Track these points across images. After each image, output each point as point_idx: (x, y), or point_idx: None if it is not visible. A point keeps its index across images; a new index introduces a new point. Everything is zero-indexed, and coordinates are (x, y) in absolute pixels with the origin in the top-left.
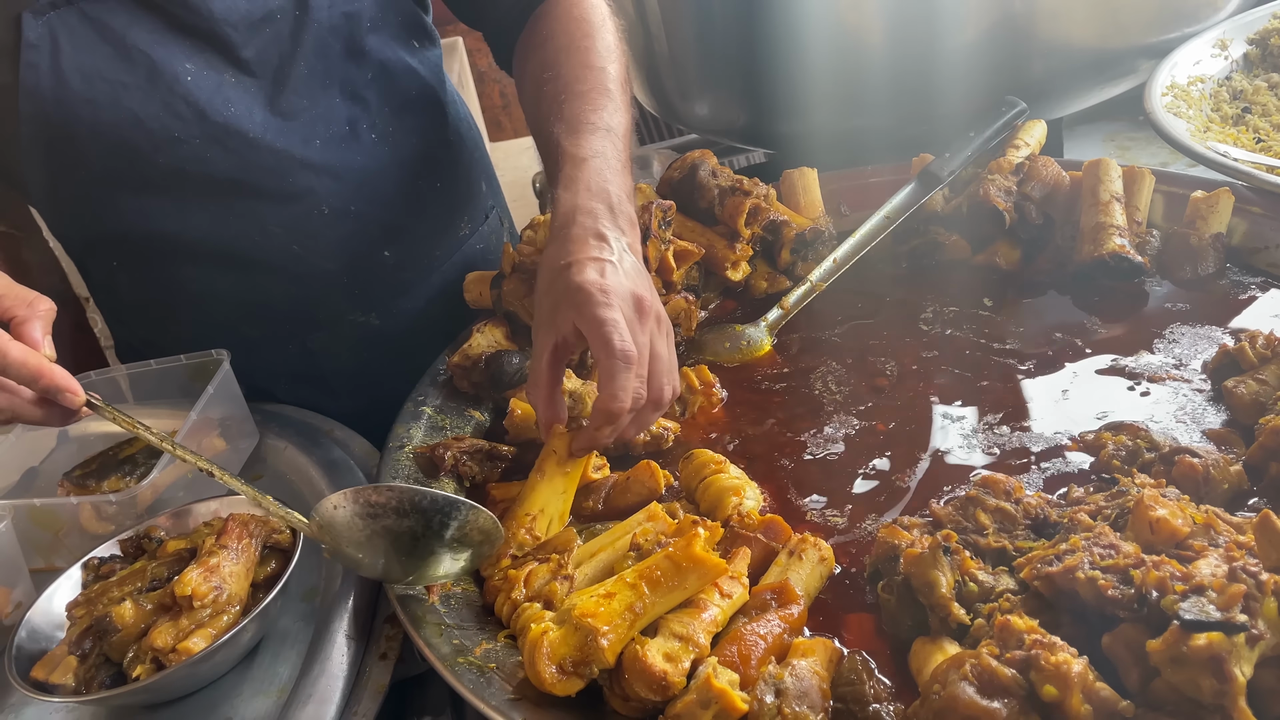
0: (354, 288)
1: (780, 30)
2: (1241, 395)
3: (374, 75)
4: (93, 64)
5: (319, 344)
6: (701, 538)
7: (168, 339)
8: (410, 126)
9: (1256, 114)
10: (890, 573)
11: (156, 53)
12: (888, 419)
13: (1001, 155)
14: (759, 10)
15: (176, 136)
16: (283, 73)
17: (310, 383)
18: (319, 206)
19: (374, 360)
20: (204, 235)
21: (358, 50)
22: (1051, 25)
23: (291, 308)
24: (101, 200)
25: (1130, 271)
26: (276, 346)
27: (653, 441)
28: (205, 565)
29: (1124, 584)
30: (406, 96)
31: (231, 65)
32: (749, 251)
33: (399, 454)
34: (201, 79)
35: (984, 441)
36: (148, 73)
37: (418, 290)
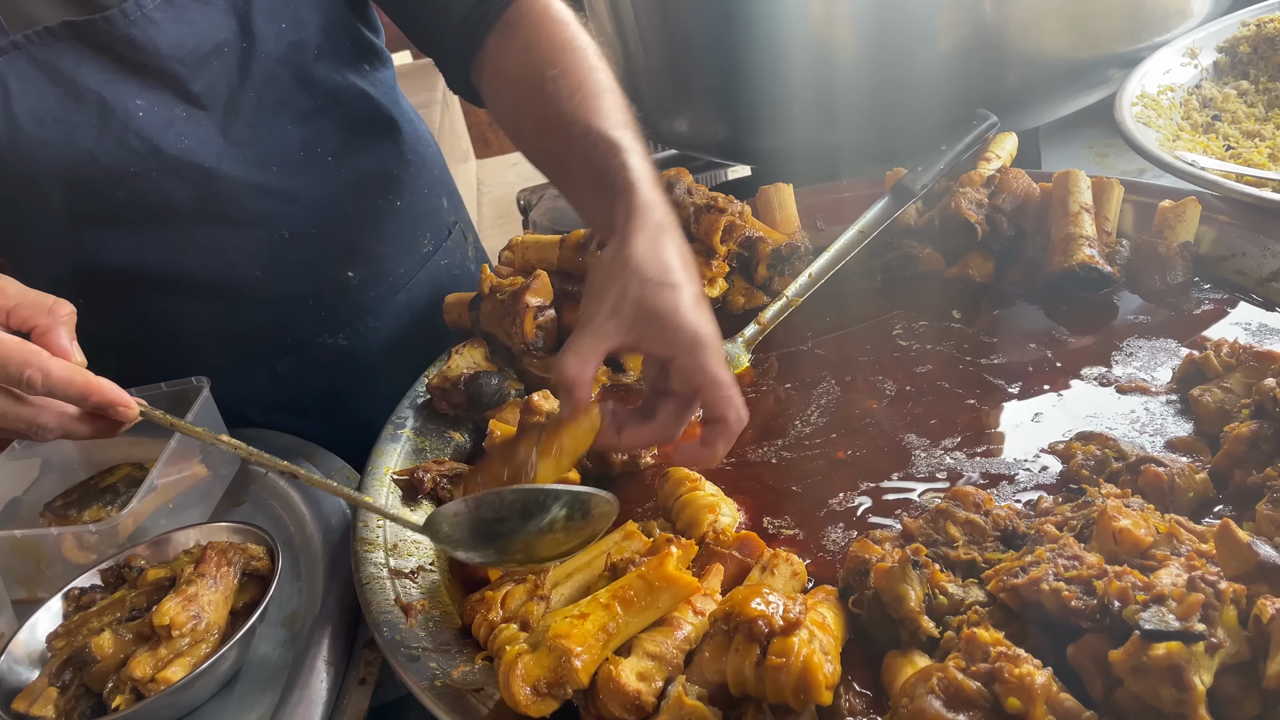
0: (320, 309)
1: (757, 46)
2: (1207, 404)
3: (324, 101)
4: (44, 106)
5: (288, 368)
6: (674, 556)
7: (139, 373)
8: (365, 147)
9: (1226, 121)
10: (861, 587)
11: (107, 91)
12: (865, 434)
13: (973, 168)
14: (736, 27)
15: (133, 171)
16: (233, 103)
17: (283, 408)
18: (279, 231)
19: (345, 382)
20: (167, 265)
21: (306, 78)
22: (1024, 36)
23: (259, 333)
24: (64, 238)
25: (1100, 281)
26: (246, 374)
27: (630, 461)
28: (183, 594)
29: (1087, 595)
30: (359, 119)
31: (182, 99)
32: (725, 268)
33: (378, 477)
34: (153, 114)
35: (957, 453)
36: (99, 111)
37: (384, 309)
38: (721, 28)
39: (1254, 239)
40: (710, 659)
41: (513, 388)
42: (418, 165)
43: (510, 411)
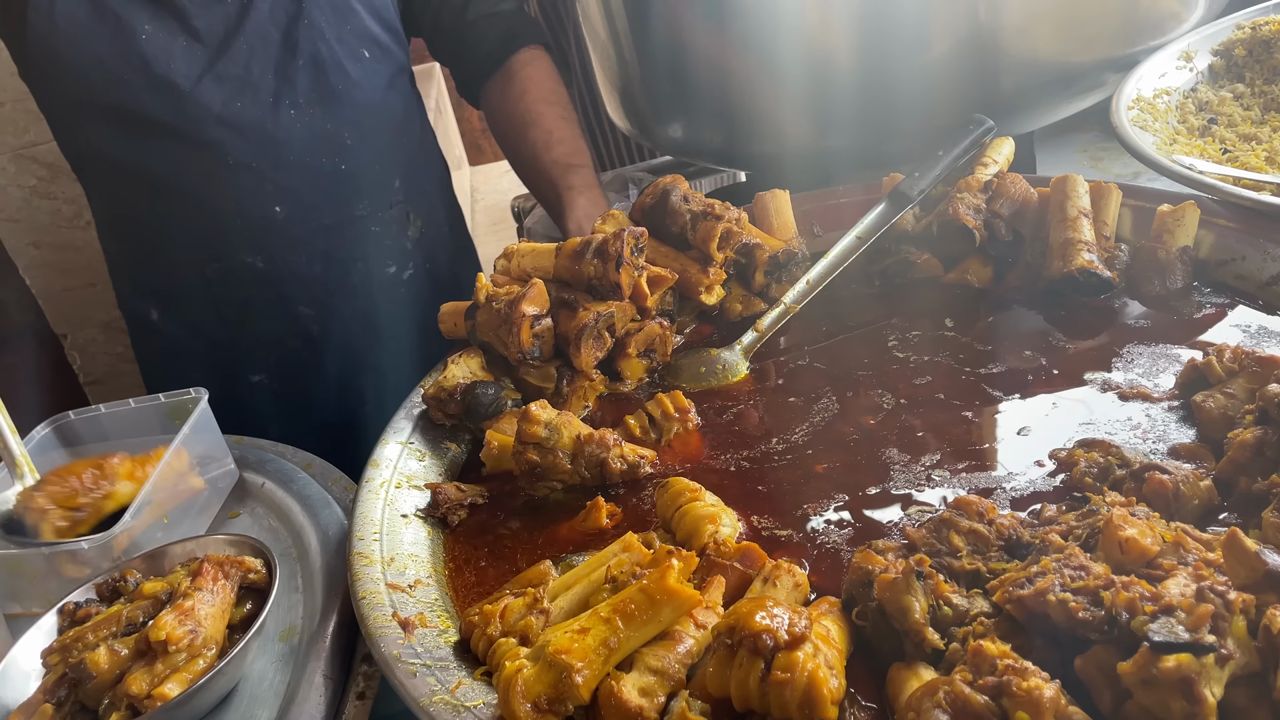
0: (244, 230)
1: (752, 52)
2: (1210, 410)
3: (304, 64)
4: (75, 14)
5: (213, 273)
6: (675, 569)
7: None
8: (328, 115)
9: (1222, 125)
10: (865, 599)
11: (124, 12)
12: (864, 441)
13: (970, 173)
14: (731, 33)
15: (124, 79)
16: (225, 44)
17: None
18: (225, 156)
19: (256, 301)
20: (138, 163)
21: (291, 42)
22: (1018, 41)
23: (197, 239)
24: (76, 122)
25: (1099, 286)
26: (184, 270)
27: (629, 470)
28: (180, 609)
29: (1094, 606)
30: (333, 89)
31: (184, 32)
32: (723, 275)
33: (374, 490)
34: (155, 39)
35: (960, 460)
36: (112, 27)
37: (307, 245)
38: (716, 34)
39: (1253, 243)
40: (714, 674)
41: (510, 397)
42: (375, 143)
43: (507, 422)
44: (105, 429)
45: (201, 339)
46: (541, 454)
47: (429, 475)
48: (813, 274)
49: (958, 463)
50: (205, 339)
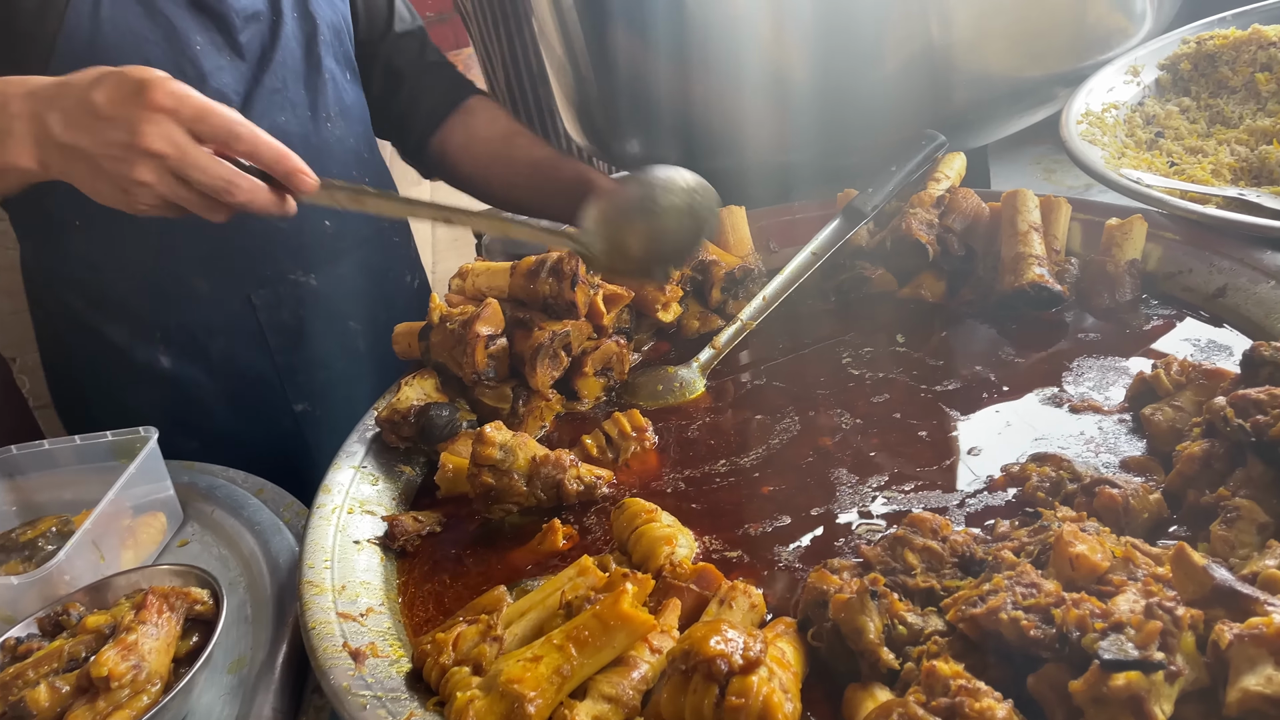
0: (297, 248)
1: (710, 67)
2: (1159, 423)
3: (326, 79)
4: (124, 18)
5: (260, 298)
6: (629, 594)
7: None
8: (348, 128)
9: (1169, 138)
10: (820, 619)
11: (177, 20)
12: (822, 460)
13: (923, 189)
14: (688, 49)
15: None
16: (264, 59)
17: (248, 337)
18: None
19: (308, 318)
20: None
21: (314, 59)
22: (970, 56)
23: (238, 258)
24: None
25: (1050, 300)
26: (221, 300)
27: (586, 491)
28: (123, 643)
29: (1046, 623)
30: (346, 105)
31: (228, 46)
32: (679, 293)
33: (325, 515)
34: (207, 51)
35: (916, 476)
36: (166, 34)
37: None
38: (673, 50)
39: (1200, 255)
40: (668, 700)
41: (465, 419)
42: (377, 154)
43: (463, 443)
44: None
45: (230, 378)
46: (497, 476)
47: (382, 500)
48: (769, 290)
49: (913, 479)
50: (235, 377)
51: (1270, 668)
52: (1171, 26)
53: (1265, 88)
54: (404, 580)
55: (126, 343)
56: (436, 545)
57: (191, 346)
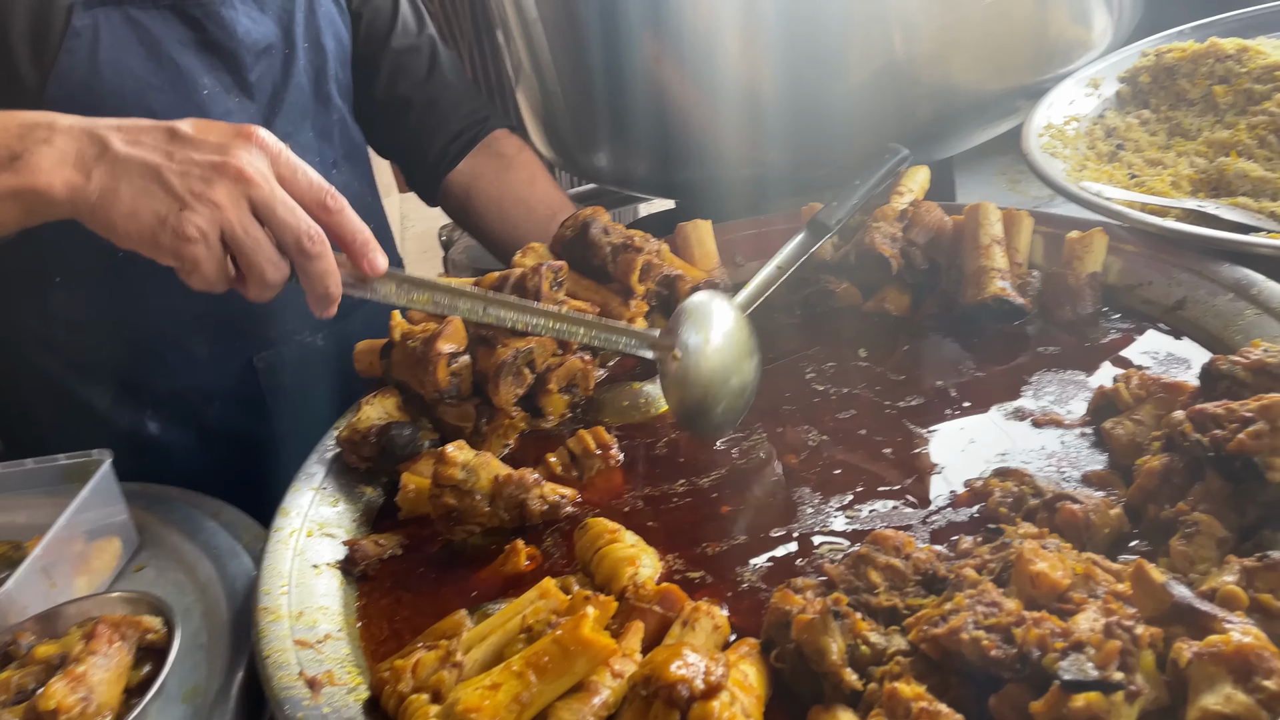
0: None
1: (675, 81)
2: (1119, 436)
3: (336, 119)
4: (126, 62)
5: (262, 361)
6: (590, 618)
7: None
8: (353, 172)
9: (1130, 150)
10: (783, 640)
11: (184, 63)
12: (788, 477)
13: (886, 202)
14: (654, 63)
15: None
16: (275, 99)
17: (247, 403)
18: None
19: (312, 381)
20: None
21: (325, 96)
22: (933, 69)
23: (241, 320)
24: None
25: (1012, 313)
26: (221, 363)
27: (550, 510)
28: (71, 674)
29: (1007, 643)
30: (352, 145)
31: (238, 87)
32: (644, 308)
33: (283, 539)
34: (215, 94)
35: (880, 493)
36: (172, 79)
37: (360, 313)
38: (637, 63)
39: (1159, 268)
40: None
41: (427, 438)
42: (378, 203)
43: (425, 463)
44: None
45: (222, 445)
46: (459, 497)
47: (342, 522)
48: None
49: (877, 496)
50: (228, 444)
51: (1229, 686)
52: (1131, 39)
53: (1223, 100)
54: (364, 605)
55: (109, 409)
56: (397, 568)
57: (183, 412)
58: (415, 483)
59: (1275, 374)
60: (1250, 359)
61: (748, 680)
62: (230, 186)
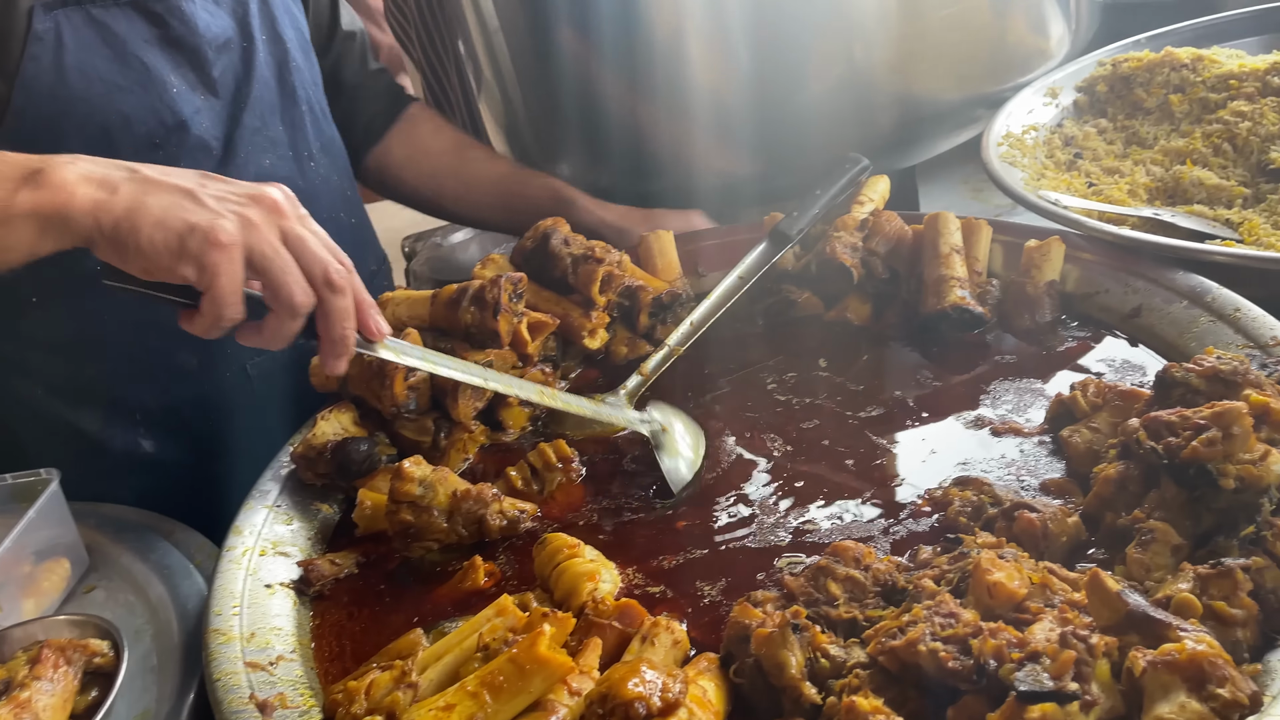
0: None
1: (637, 91)
2: (1077, 444)
3: (304, 111)
4: (92, 64)
5: (256, 367)
6: (547, 635)
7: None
8: (331, 165)
9: (1088, 159)
10: (742, 654)
11: (150, 61)
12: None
13: (847, 212)
14: (615, 73)
15: (156, 143)
16: (240, 95)
17: (243, 411)
18: None
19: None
20: None
21: (290, 88)
22: (893, 79)
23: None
24: None
25: (972, 322)
26: (214, 373)
27: (509, 526)
28: (15, 701)
29: (964, 654)
30: (326, 138)
31: (202, 84)
32: (605, 319)
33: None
34: (183, 93)
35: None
36: (140, 79)
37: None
38: (600, 74)
39: (1116, 276)
40: None
41: (384, 453)
42: (356, 192)
43: (382, 479)
44: None
45: (218, 458)
46: (416, 513)
47: (297, 540)
48: (696, 315)
49: (838, 507)
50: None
51: (1183, 695)
52: (1089, 49)
53: (1179, 109)
54: (318, 624)
55: (99, 430)
56: (353, 586)
57: (177, 427)
58: (372, 499)
59: (1228, 381)
60: (1204, 366)
61: (706, 696)
62: (264, 213)
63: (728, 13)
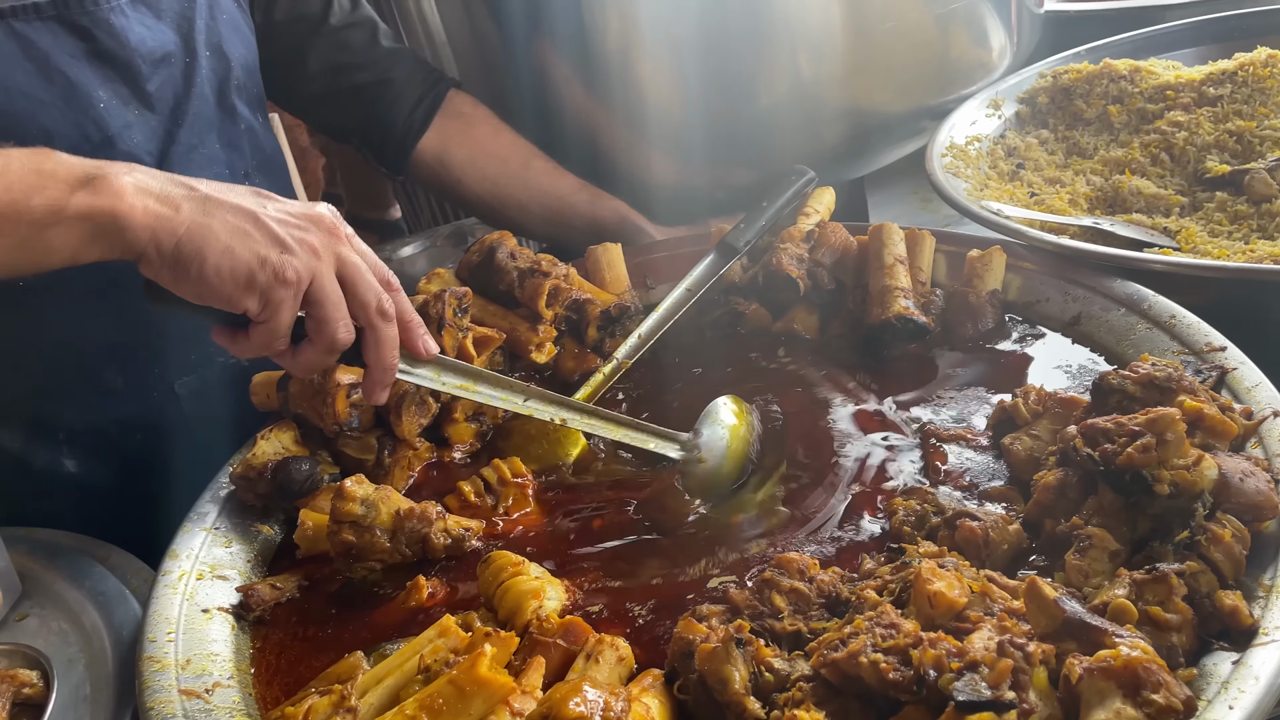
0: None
1: (586, 105)
2: (1018, 452)
3: (244, 129)
4: (13, 79)
5: (185, 387)
6: (488, 656)
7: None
8: (270, 184)
9: (1030, 169)
10: (686, 670)
11: (75, 75)
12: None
13: (793, 223)
14: (565, 86)
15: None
16: (178, 111)
17: (170, 432)
18: None
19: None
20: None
21: (229, 105)
22: (840, 92)
23: (159, 344)
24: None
25: (916, 332)
26: (141, 393)
27: (454, 544)
28: None
29: (905, 665)
30: (265, 156)
31: (136, 98)
32: (552, 333)
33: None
34: (113, 107)
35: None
36: (64, 94)
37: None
38: (556, 86)
39: (1056, 284)
40: None
41: (327, 472)
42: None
43: (324, 498)
44: None
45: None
46: (358, 533)
47: (236, 563)
48: (644, 328)
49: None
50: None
51: (1118, 701)
52: (1030, 61)
53: (1117, 119)
54: (258, 649)
55: (20, 449)
56: (294, 609)
57: (102, 447)
58: (313, 519)
59: (1163, 388)
60: (1139, 373)
61: (650, 714)
62: (325, 238)
63: (678, 27)
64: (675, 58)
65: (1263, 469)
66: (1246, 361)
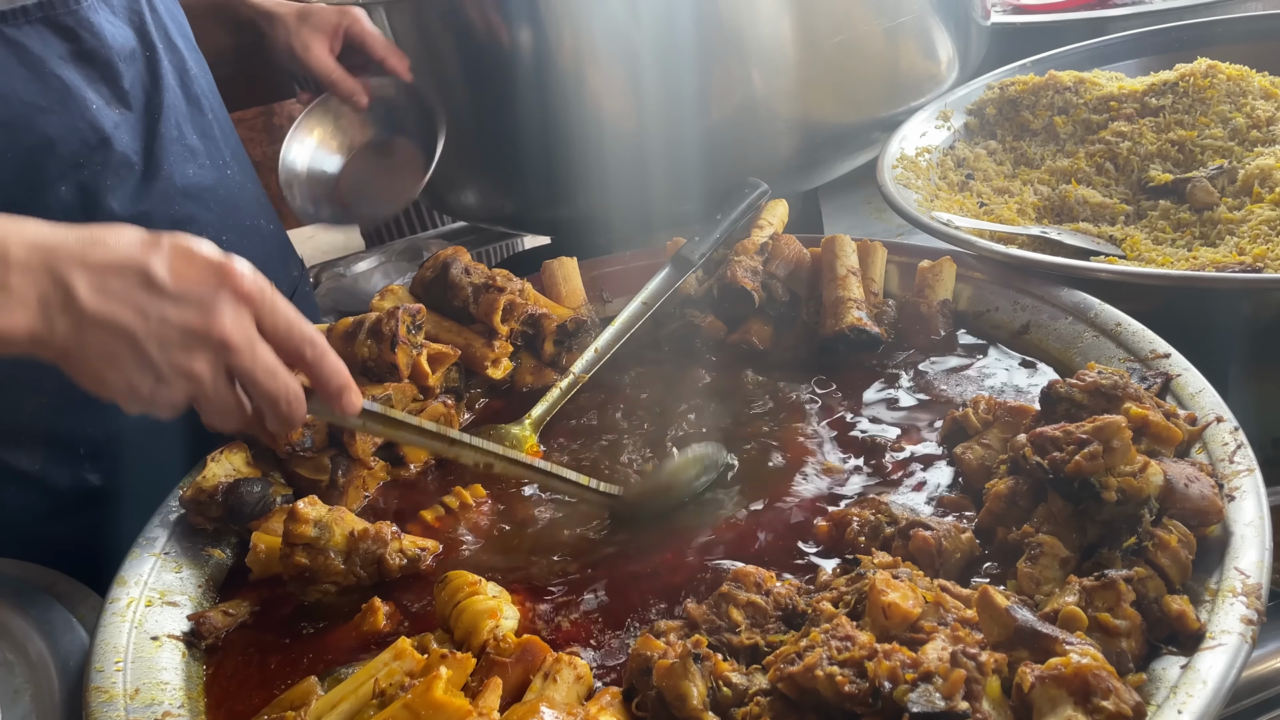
0: None
1: (538, 118)
2: (969, 461)
3: (212, 119)
4: (10, 87)
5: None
6: (443, 679)
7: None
8: (244, 173)
9: (979, 180)
10: (645, 687)
11: (68, 79)
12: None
13: (747, 236)
14: (517, 100)
15: (81, 163)
16: (152, 106)
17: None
18: (201, 234)
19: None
20: None
21: (193, 96)
22: (791, 105)
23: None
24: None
25: (870, 343)
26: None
27: (410, 565)
28: None
29: (860, 677)
30: (234, 144)
31: (116, 97)
32: (508, 348)
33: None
34: (102, 108)
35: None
36: (60, 97)
37: None
38: (502, 101)
39: (1005, 294)
40: None
41: (280, 494)
42: (269, 203)
43: (277, 521)
44: None
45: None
46: (311, 555)
47: (187, 589)
48: (600, 342)
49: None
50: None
51: (1069, 708)
52: (979, 73)
53: (1063, 130)
54: (210, 677)
55: (40, 470)
56: (247, 634)
57: (120, 458)
58: (266, 542)
59: (1109, 395)
60: (1086, 381)
61: None
62: (211, 357)
63: (631, 42)
64: (629, 73)
65: (1207, 474)
66: (1190, 368)
